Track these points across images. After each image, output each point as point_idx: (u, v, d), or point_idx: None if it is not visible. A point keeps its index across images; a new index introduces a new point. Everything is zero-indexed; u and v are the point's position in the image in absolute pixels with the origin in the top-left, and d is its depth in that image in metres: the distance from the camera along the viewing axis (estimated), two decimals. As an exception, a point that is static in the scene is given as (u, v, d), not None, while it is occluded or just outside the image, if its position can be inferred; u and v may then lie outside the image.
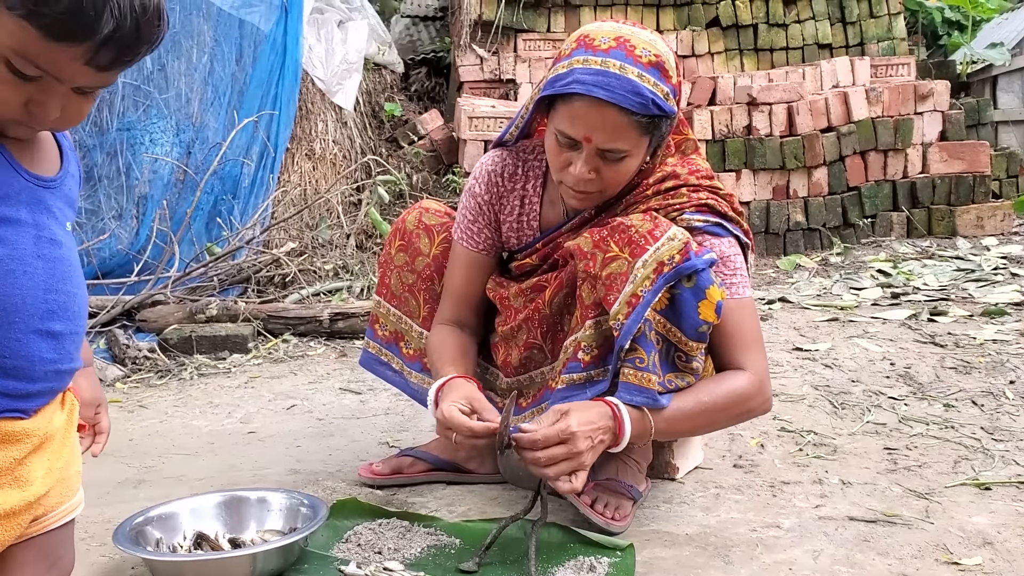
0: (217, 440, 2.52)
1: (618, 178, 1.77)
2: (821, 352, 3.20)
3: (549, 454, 1.61)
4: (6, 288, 1.11)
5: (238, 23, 4.72)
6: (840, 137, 5.36)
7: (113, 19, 1.01)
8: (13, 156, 1.12)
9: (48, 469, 1.20)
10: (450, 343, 1.96)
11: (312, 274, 4.50)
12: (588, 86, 1.65)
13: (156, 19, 1.06)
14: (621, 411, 1.66)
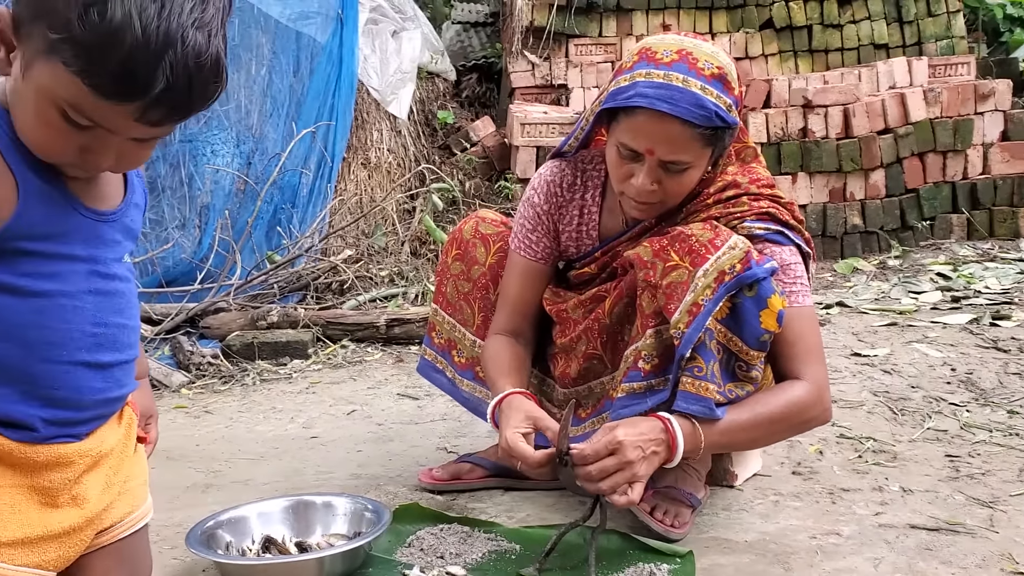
0: (281, 445, 2.58)
1: (680, 189, 1.78)
2: (880, 357, 3.17)
3: (600, 467, 1.63)
4: (54, 322, 1.14)
5: (295, 35, 4.82)
6: (898, 139, 5.28)
7: (165, 79, 1.00)
8: (73, 193, 1.15)
9: (106, 485, 1.24)
10: (505, 355, 1.99)
11: (368, 280, 4.57)
12: (651, 99, 1.66)
13: (213, 76, 1.05)
14: (673, 424, 1.67)
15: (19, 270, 1.11)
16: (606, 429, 1.67)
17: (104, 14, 0.97)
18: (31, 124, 1.07)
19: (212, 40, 1.03)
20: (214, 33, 1.04)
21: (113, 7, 0.97)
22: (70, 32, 0.98)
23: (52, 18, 0.99)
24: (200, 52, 1.02)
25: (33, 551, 1.16)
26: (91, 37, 0.98)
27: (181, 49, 1.00)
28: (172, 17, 0.99)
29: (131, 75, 0.99)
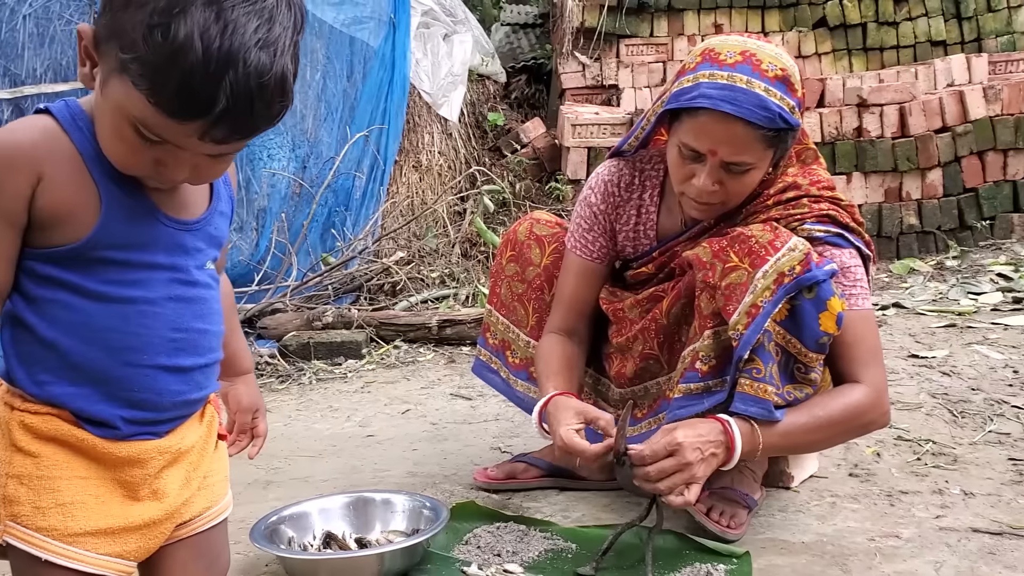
0: (338, 443, 2.62)
1: (741, 190, 1.78)
2: (938, 359, 3.12)
3: (659, 467, 1.63)
4: (135, 328, 1.17)
5: (348, 40, 4.88)
6: (956, 137, 5.18)
7: (225, 99, 1.01)
8: (155, 203, 1.18)
9: (186, 480, 1.28)
10: (557, 354, 2.00)
11: (419, 282, 4.61)
12: (715, 100, 1.67)
13: (277, 96, 1.05)
14: (732, 426, 1.68)
15: (103, 277, 1.15)
16: (665, 430, 1.67)
17: (167, 34, 0.99)
18: (108, 138, 1.11)
19: (277, 59, 1.04)
20: (280, 52, 1.04)
21: (176, 27, 0.99)
22: (136, 52, 1.01)
23: (122, 37, 1.02)
24: (263, 72, 1.02)
25: (115, 541, 1.20)
26: (154, 57, 1.00)
27: (243, 69, 1.01)
28: (235, 37, 1.00)
29: (191, 95, 1.01)
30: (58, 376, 1.16)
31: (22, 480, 1.15)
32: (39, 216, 1.11)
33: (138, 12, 1.01)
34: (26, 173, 1.10)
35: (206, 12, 1.00)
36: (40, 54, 4.23)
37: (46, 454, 1.16)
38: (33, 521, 1.15)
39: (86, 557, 1.17)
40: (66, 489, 1.16)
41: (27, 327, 1.15)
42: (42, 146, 1.11)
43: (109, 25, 1.05)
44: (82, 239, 1.13)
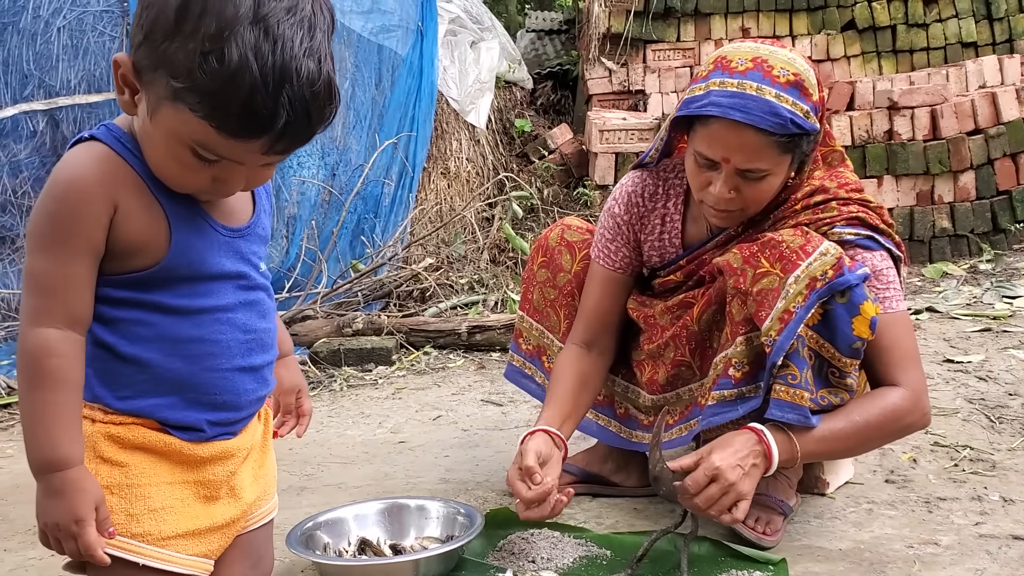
0: (370, 449, 2.64)
1: (759, 196, 1.78)
2: (974, 364, 3.08)
3: (705, 496, 1.64)
4: (214, 335, 1.22)
5: (377, 48, 4.92)
6: (988, 139, 5.13)
7: (286, 113, 1.04)
8: (210, 214, 1.21)
9: (254, 477, 1.32)
10: (568, 375, 1.99)
11: (448, 288, 4.63)
12: (725, 108, 1.67)
13: (328, 100, 1.08)
14: (767, 436, 1.67)
15: (177, 293, 1.19)
16: (699, 455, 1.67)
17: (222, 59, 1.01)
18: (164, 162, 1.13)
19: (323, 64, 1.06)
20: (324, 56, 1.07)
21: (229, 51, 1.01)
22: (192, 80, 1.03)
23: (173, 67, 1.04)
24: (314, 80, 1.05)
25: (202, 541, 1.24)
26: (212, 83, 1.02)
27: (297, 82, 1.03)
28: (285, 51, 1.02)
29: (254, 115, 1.03)
30: (142, 390, 1.19)
31: (112, 490, 1.18)
32: (117, 246, 1.14)
33: (188, 41, 1.02)
34: (102, 204, 1.12)
35: (255, 31, 1.02)
36: (74, 66, 4.29)
37: (133, 463, 1.20)
38: (128, 528, 1.18)
39: (179, 559, 1.22)
40: (156, 495, 1.20)
41: (106, 346, 1.18)
42: (109, 174, 1.13)
43: (153, 56, 1.06)
44: (158, 263, 1.16)
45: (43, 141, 4.27)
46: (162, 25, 1.04)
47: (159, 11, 1.05)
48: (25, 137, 4.26)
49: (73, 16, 4.31)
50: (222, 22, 1.01)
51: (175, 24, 1.03)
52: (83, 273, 1.13)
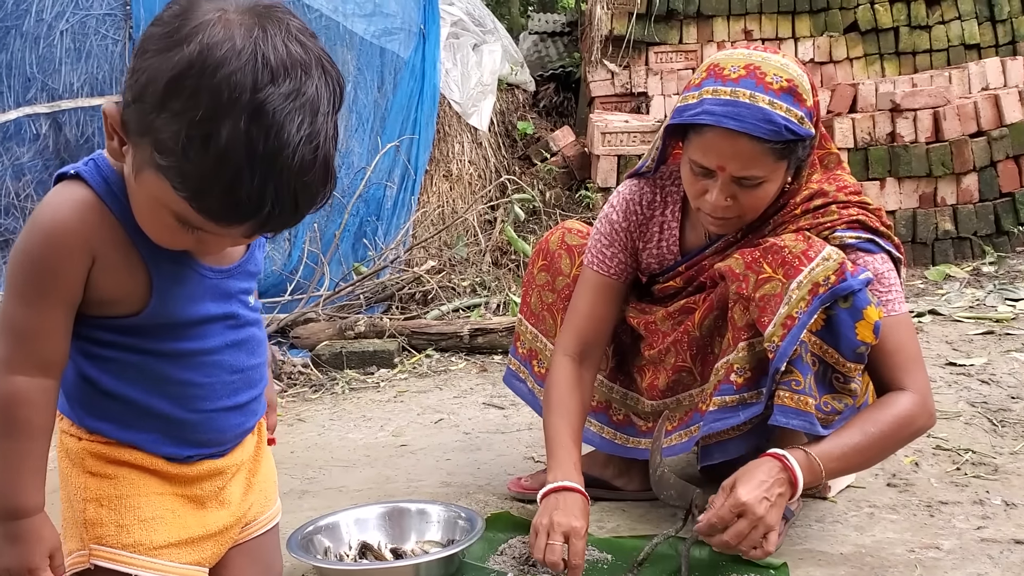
0: (372, 452, 2.64)
1: (756, 203, 1.77)
2: (977, 367, 3.08)
3: (735, 532, 1.61)
4: (199, 378, 1.21)
5: (379, 51, 4.92)
6: (991, 142, 5.12)
7: (271, 204, 0.98)
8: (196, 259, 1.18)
9: (247, 487, 1.32)
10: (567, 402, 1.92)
11: (451, 291, 4.63)
12: (718, 117, 1.66)
13: (320, 186, 1.03)
14: (790, 461, 1.65)
15: (161, 338, 1.18)
16: (724, 491, 1.64)
17: (207, 147, 0.95)
18: (147, 222, 1.09)
19: (320, 151, 1.00)
20: (323, 141, 1.01)
21: (216, 139, 0.95)
22: (174, 160, 0.98)
23: (157, 141, 0.99)
24: (306, 170, 0.99)
25: (194, 550, 1.24)
26: (195, 168, 0.97)
27: (287, 173, 0.98)
28: (279, 139, 0.96)
29: (237, 205, 0.99)
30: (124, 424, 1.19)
31: (101, 502, 1.18)
32: (94, 295, 1.13)
33: (174, 121, 0.97)
34: (80, 256, 1.10)
35: (246, 118, 0.95)
36: (77, 69, 4.30)
37: (122, 475, 1.20)
38: (118, 539, 1.18)
39: (171, 567, 1.21)
40: (146, 506, 1.20)
41: (89, 380, 1.17)
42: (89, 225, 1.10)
43: (140, 122, 1.01)
44: (139, 313, 1.15)
45: (46, 144, 4.28)
46: (151, 95, 0.98)
47: (150, 79, 0.98)
48: (28, 140, 4.27)
49: (76, 19, 4.32)
50: (212, 106, 0.95)
51: (163, 99, 0.97)
52: (59, 321, 1.11)
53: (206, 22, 0.98)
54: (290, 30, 1.00)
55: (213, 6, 1.00)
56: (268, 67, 0.96)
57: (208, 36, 0.97)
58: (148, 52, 0.99)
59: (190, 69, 0.96)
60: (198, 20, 0.98)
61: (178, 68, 0.96)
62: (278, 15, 1.01)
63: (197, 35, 0.97)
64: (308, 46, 1.00)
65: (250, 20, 0.99)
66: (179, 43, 0.97)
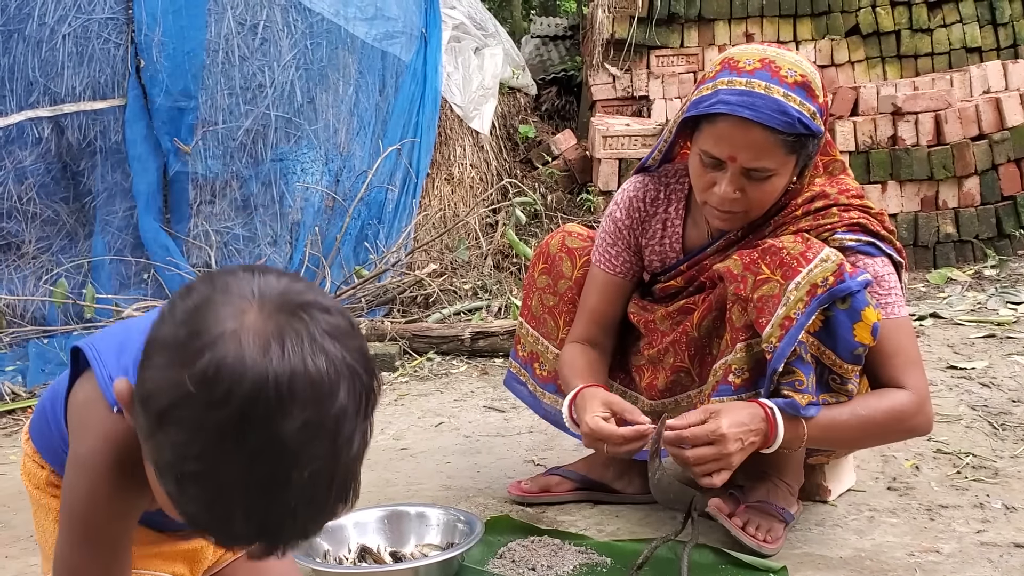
0: (372, 456, 2.62)
1: (764, 198, 1.78)
2: (978, 370, 3.08)
3: (697, 454, 1.63)
4: None
5: (381, 55, 4.93)
6: (993, 145, 5.11)
7: (271, 535, 0.90)
8: None
9: None
10: (581, 359, 2.01)
11: (452, 294, 4.63)
12: (733, 106, 1.67)
13: (335, 508, 0.93)
14: (775, 414, 1.66)
15: None
16: (706, 411, 1.67)
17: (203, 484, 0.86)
18: (160, 499, 1.00)
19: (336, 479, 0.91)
20: (342, 467, 0.91)
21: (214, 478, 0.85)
22: (173, 491, 0.89)
23: (155, 460, 0.90)
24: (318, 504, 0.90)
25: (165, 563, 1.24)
26: (189, 503, 0.88)
27: (296, 511, 0.88)
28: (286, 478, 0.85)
29: (233, 539, 0.93)
30: None
31: None
32: None
33: (171, 450, 0.87)
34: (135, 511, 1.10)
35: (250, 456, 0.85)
36: (79, 72, 4.31)
37: None
38: None
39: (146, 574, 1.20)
40: None
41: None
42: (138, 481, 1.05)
43: (142, 427, 0.91)
44: None
45: (48, 148, 4.29)
46: (153, 411, 0.88)
47: (151, 393, 0.88)
48: (31, 144, 4.28)
49: (78, 23, 4.33)
50: (212, 445, 0.84)
51: (162, 422, 0.87)
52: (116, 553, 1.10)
53: (218, 338, 0.85)
54: (314, 337, 0.87)
55: (233, 309, 0.87)
56: (281, 397, 0.84)
57: (217, 359, 0.84)
58: (153, 359, 0.89)
59: (190, 398, 0.84)
60: (209, 334, 0.86)
61: (179, 394, 0.85)
62: (304, 317, 0.88)
63: (204, 355, 0.84)
64: (333, 355, 0.87)
65: (270, 331, 0.86)
66: (183, 362, 0.85)
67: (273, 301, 0.88)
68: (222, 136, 4.41)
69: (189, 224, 4.40)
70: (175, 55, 4.31)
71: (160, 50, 4.29)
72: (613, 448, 1.73)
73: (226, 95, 4.40)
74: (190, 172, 4.37)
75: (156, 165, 4.33)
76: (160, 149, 4.33)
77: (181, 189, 4.38)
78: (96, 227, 4.33)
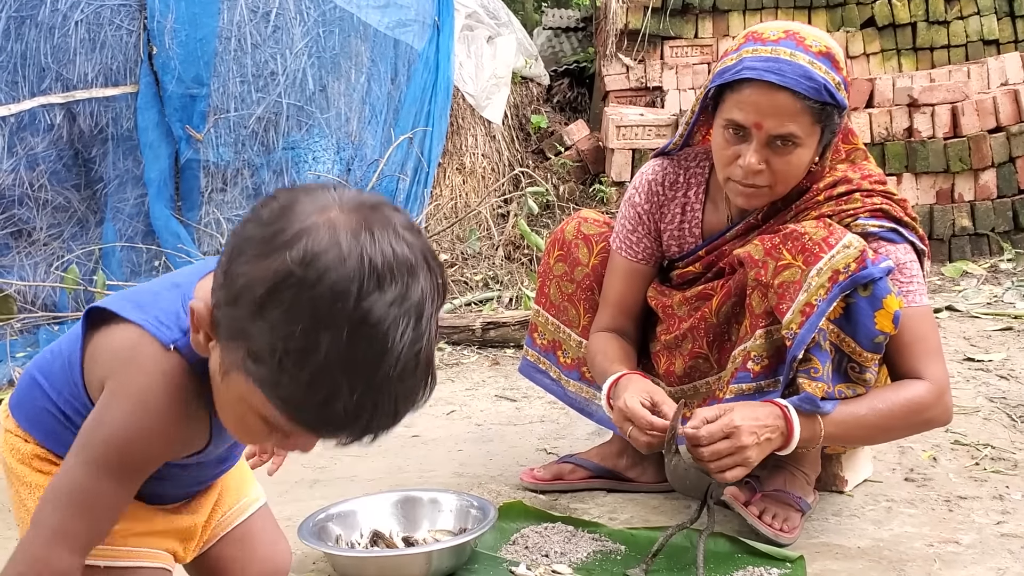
0: (383, 443, 2.59)
1: (788, 171, 1.74)
2: (995, 363, 3.04)
3: (713, 449, 1.61)
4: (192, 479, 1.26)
5: (393, 43, 4.90)
6: (1010, 137, 5.06)
7: (369, 413, 0.92)
8: None
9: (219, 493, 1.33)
10: (613, 345, 1.98)
11: (463, 284, 4.61)
12: (759, 71, 1.66)
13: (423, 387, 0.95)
14: (791, 412, 1.64)
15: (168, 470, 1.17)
16: (722, 408, 1.65)
17: (306, 358, 0.89)
18: (230, 419, 1.05)
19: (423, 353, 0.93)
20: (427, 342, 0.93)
21: (316, 351, 0.88)
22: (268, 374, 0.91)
23: (251, 350, 0.92)
24: (409, 376, 0.92)
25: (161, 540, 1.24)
26: (291, 382, 0.90)
27: (389, 384, 0.91)
28: (383, 348, 0.89)
29: (333, 417, 0.92)
30: None
31: None
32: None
33: (270, 331, 0.90)
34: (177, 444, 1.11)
35: (350, 329, 0.89)
36: (92, 59, 4.30)
37: None
38: None
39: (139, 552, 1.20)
40: None
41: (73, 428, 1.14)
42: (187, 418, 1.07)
43: (233, 326, 0.94)
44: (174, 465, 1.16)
45: (60, 134, 4.28)
46: (247, 302, 0.91)
47: (246, 285, 0.91)
48: (43, 130, 4.27)
49: (91, 10, 4.32)
50: (313, 319, 0.88)
51: (260, 308, 0.90)
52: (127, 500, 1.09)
53: (310, 226, 0.91)
54: (396, 230, 0.93)
55: (316, 206, 0.93)
56: (375, 273, 0.89)
57: (312, 243, 0.89)
58: (245, 255, 0.92)
59: (291, 278, 0.89)
60: (301, 224, 0.91)
61: (279, 276, 0.89)
62: (385, 214, 0.94)
63: (300, 240, 0.90)
64: (413, 244, 0.93)
65: (356, 221, 0.91)
66: (279, 248, 0.90)
67: (353, 201, 0.95)
68: (234, 124, 4.40)
69: (200, 212, 4.39)
70: (187, 42, 4.30)
71: (172, 37, 4.28)
72: (637, 433, 1.70)
73: (238, 83, 4.39)
74: (201, 160, 4.35)
75: (168, 152, 4.32)
76: (172, 136, 4.32)
77: (192, 177, 4.37)
78: (107, 214, 4.33)
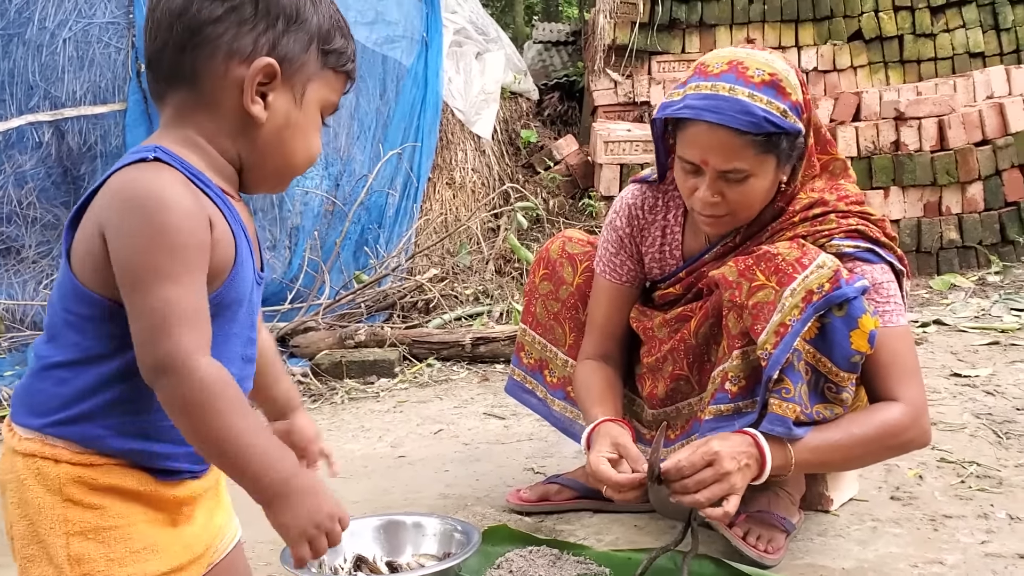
0: (370, 464, 2.61)
1: (745, 200, 1.76)
2: (982, 378, 3.05)
3: (698, 478, 1.60)
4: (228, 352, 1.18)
5: (381, 59, 4.92)
6: (996, 150, 5.10)
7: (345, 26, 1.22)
8: (252, 248, 1.19)
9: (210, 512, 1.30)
10: (596, 379, 1.98)
11: (453, 299, 4.61)
12: (697, 110, 1.68)
13: None
14: (761, 441, 1.64)
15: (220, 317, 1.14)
16: (698, 443, 1.65)
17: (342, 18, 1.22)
18: (306, 143, 1.20)
19: None
20: None
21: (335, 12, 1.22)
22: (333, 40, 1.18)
23: (321, 35, 1.18)
24: None
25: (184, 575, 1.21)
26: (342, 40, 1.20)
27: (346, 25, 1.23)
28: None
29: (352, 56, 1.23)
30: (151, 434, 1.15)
31: (87, 535, 1.12)
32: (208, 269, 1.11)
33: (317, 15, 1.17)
34: (206, 224, 1.09)
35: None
36: (80, 77, 4.31)
37: (107, 503, 1.13)
38: (109, 573, 1.12)
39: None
40: (137, 536, 1.14)
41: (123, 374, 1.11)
42: (198, 196, 1.10)
43: (303, 36, 1.16)
44: (216, 291, 1.12)
45: (48, 152, 4.28)
46: (300, 6, 1.15)
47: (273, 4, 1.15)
48: (31, 148, 4.27)
49: (79, 27, 4.33)
50: None
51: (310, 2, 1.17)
52: (206, 298, 1.09)
53: None
54: None
55: None
56: None
57: None
58: None
59: None
60: None
61: None
62: None
63: None
64: None
65: None
66: None
67: None
68: (222, 141, 4.39)
69: (188, 229, 4.38)
70: (176, 59, 4.29)
71: (160, 54, 4.28)
72: (610, 492, 1.70)
73: (226, 99, 4.39)
74: (190, 177, 4.35)
75: (156, 170, 4.32)
76: (160, 154, 4.31)
77: (181, 194, 4.36)
78: (96, 232, 4.32)
